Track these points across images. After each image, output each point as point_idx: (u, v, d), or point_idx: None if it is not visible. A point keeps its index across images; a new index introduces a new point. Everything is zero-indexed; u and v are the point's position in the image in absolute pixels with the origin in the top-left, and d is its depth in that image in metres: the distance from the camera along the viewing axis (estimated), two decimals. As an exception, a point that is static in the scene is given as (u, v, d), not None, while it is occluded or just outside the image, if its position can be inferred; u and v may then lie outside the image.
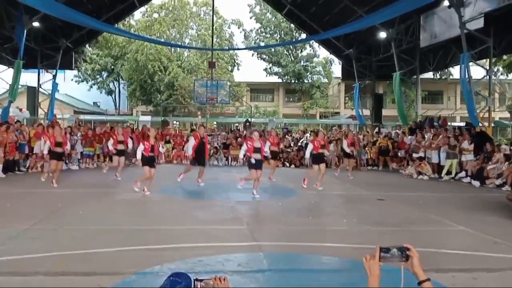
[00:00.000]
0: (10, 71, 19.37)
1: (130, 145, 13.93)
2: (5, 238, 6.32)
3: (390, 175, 16.29)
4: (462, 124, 21.49)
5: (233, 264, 5.53)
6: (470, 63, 15.87)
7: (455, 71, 30.99)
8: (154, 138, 10.75)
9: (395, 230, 7.37)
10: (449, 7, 16.17)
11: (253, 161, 10.44)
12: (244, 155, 11.50)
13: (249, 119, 28.40)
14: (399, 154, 18.03)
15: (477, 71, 17.86)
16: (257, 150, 10.50)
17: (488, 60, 18.30)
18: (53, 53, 23.10)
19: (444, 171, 15.08)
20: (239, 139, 19.70)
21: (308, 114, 43.56)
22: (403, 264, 2.19)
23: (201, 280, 2.28)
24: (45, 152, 11.84)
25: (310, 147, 12.20)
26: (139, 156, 10.61)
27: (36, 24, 19.38)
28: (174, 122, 34.88)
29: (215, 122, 35.23)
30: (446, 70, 31.05)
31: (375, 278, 2.19)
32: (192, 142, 12.57)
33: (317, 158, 11.98)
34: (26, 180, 12.93)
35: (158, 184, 11.04)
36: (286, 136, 20.90)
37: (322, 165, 11.87)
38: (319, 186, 11.63)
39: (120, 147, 13.55)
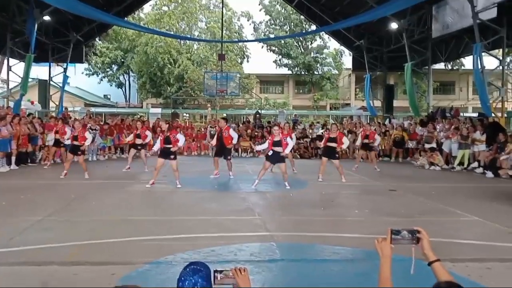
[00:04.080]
0: (22, 65, 19.49)
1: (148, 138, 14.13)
2: (19, 229, 6.39)
3: (402, 166, 16.19)
4: (475, 114, 21.28)
5: (246, 254, 5.55)
6: (483, 53, 15.67)
7: (466, 62, 30.71)
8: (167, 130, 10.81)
9: (407, 220, 7.31)
10: (461, -4, 15.99)
11: (269, 153, 10.65)
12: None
13: (259, 111, 28.34)
14: (410, 145, 17.89)
15: (490, 62, 17.66)
16: (276, 143, 10.60)
17: (501, 50, 18.05)
18: (64, 47, 23.22)
19: (456, 162, 15.00)
20: (248, 131, 19.72)
21: (318, 105, 43.42)
22: (413, 246, 2.27)
23: (220, 272, 2.27)
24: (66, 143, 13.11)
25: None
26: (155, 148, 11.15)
27: (47, 18, 19.47)
28: (184, 114, 34.95)
29: (225, 114, 35.22)
30: (458, 60, 30.72)
31: (387, 259, 2.26)
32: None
33: (324, 152, 12.04)
34: (38, 172, 13.08)
35: (170, 176, 11.07)
36: (297, 127, 20.85)
37: (325, 159, 11.92)
38: (343, 179, 11.70)
39: (138, 141, 13.70)
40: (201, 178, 11.88)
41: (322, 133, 19.77)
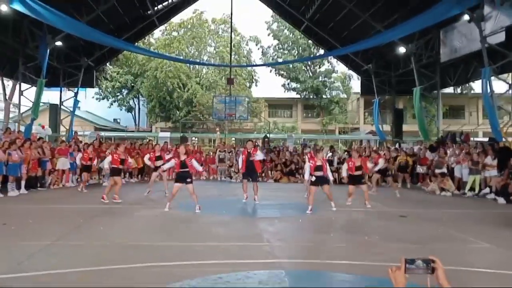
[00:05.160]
0: (33, 90, 19.76)
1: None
2: (27, 254, 6.37)
3: (411, 191, 16.03)
4: (485, 139, 21.13)
5: (254, 282, 5.46)
6: (492, 77, 15.64)
7: (476, 86, 30.65)
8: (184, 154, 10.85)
9: (418, 247, 7.21)
10: (469, 21, 16.01)
11: (313, 178, 10.81)
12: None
13: (268, 135, 28.39)
14: (420, 170, 17.71)
15: (499, 86, 17.60)
16: (318, 168, 10.81)
17: (510, 74, 18.02)
18: (75, 72, 23.56)
19: (467, 187, 14.82)
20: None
21: (327, 129, 43.41)
22: (428, 276, 2.23)
23: None
24: (106, 166, 12.70)
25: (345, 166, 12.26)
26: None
27: (59, 43, 19.80)
28: (193, 138, 35.09)
29: (233, 138, 35.31)
30: (467, 84, 30.71)
31: None
32: (240, 158, 12.98)
33: (350, 180, 12.01)
34: (48, 196, 13.09)
35: (177, 201, 11.04)
36: (306, 151, 20.78)
37: (353, 187, 11.91)
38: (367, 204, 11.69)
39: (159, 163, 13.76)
40: (210, 202, 11.82)
41: (331, 157, 19.69)
